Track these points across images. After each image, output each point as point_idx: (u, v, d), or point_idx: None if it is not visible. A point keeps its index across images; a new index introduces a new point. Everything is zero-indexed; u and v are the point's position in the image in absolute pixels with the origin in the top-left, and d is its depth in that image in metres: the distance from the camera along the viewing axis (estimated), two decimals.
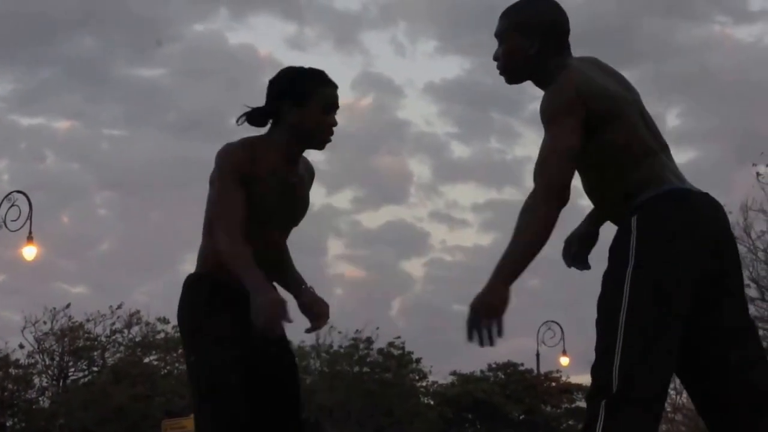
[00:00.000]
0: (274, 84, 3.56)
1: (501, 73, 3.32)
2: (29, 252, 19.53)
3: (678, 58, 53.43)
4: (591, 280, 3.09)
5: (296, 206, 3.60)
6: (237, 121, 3.59)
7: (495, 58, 3.32)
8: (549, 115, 3.04)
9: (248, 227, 3.40)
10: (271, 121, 3.57)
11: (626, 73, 3.30)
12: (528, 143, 58.91)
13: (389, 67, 65.49)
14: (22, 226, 19.39)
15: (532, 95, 60.24)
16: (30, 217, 19.43)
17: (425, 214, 62.49)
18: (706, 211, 3.01)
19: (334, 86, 3.58)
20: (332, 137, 3.57)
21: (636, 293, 2.89)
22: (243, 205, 3.39)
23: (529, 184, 3.29)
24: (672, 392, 26.45)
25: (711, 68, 51.41)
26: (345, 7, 64.64)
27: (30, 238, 19.41)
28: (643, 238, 2.93)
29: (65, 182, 48.29)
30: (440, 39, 61.15)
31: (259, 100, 3.61)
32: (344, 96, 3.68)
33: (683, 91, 54.54)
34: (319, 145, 3.57)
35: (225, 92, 54.97)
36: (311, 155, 3.69)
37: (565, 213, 3.09)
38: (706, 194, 3.08)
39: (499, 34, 3.31)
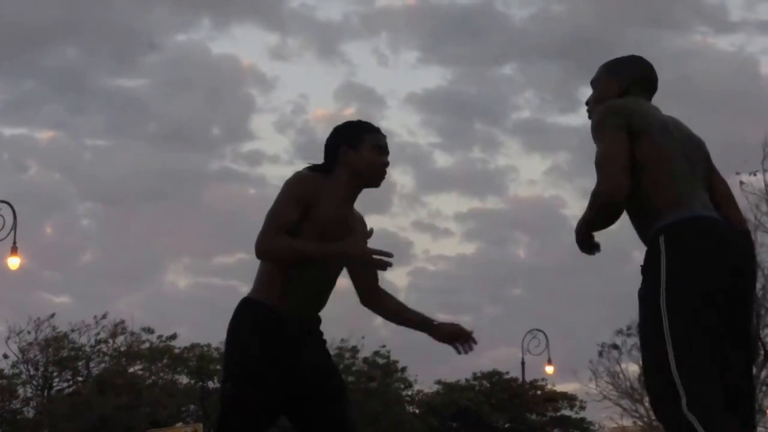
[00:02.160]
0: (330, 138, 3.92)
1: (589, 117, 3.62)
2: (13, 262, 19.48)
3: (659, 67, 53.40)
4: (575, 289, 3.21)
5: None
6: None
7: (586, 103, 3.69)
8: (596, 129, 3.38)
9: (306, 265, 3.69)
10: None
11: None
12: (510, 153, 59.18)
13: (371, 77, 65.76)
14: (6, 237, 19.35)
15: (514, 105, 60.41)
16: (14, 227, 19.39)
17: (408, 223, 62.47)
18: (730, 239, 3.25)
19: (382, 133, 3.96)
20: (384, 177, 3.93)
21: (673, 310, 3.10)
22: (295, 221, 3.67)
23: (513, 193, 3.50)
24: None
25: (692, 78, 51.67)
26: (327, 18, 64.88)
27: (14, 249, 19.36)
28: (673, 255, 3.17)
29: (48, 193, 48.20)
30: (422, 49, 61.33)
31: (242, 111, 3.74)
32: (327, 106, 3.96)
33: (664, 100, 54.46)
34: (375, 183, 3.90)
35: (207, 102, 55.08)
36: None
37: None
38: (735, 228, 3.37)
39: (593, 81, 3.71)
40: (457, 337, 4.02)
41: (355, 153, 3.83)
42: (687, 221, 3.22)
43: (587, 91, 3.64)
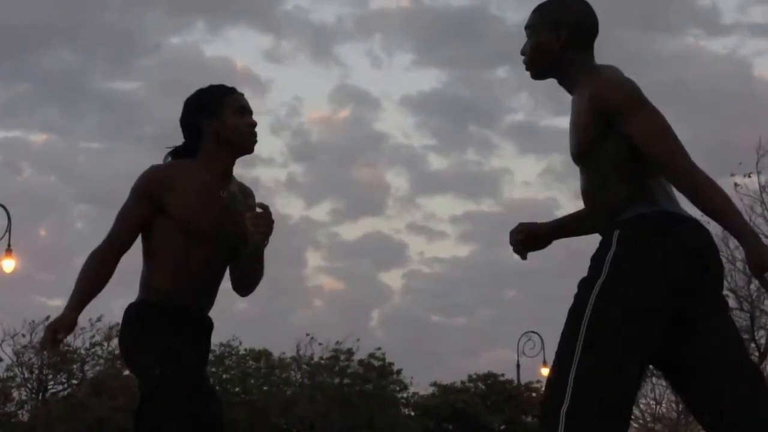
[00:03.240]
0: (185, 114, 3.68)
1: (527, 68, 3.38)
2: (8, 265, 19.46)
3: (652, 70, 53.55)
4: (570, 291, 3.11)
5: (237, 225, 3.60)
6: (164, 161, 3.71)
7: (522, 53, 3.38)
8: (636, 97, 3.10)
9: (186, 247, 3.53)
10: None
11: None
12: (505, 155, 59.10)
13: (366, 79, 65.64)
14: (0, 239, 19.34)
15: (508, 107, 60.48)
16: (9, 229, 19.36)
17: (403, 225, 62.56)
18: (692, 239, 3.00)
19: (240, 92, 3.68)
20: (257, 138, 3.64)
21: (599, 305, 2.90)
22: (135, 225, 3.61)
23: (507, 195, 3.34)
24: (652, 402, 26.57)
25: (685, 80, 51.74)
26: (321, 20, 64.80)
27: (9, 251, 19.33)
28: (620, 254, 2.95)
29: (42, 195, 48.13)
30: (416, 52, 61.23)
31: None
32: (322, 108, 3.83)
33: (658, 103, 54.52)
34: (247, 147, 3.65)
35: None
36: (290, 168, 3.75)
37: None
38: (697, 221, 3.08)
39: (528, 27, 3.37)
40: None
41: (218, 121, 3.59)
42: (648, 216, 3.00)
43: None
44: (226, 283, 3.78)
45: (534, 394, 39.72)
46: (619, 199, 3.05)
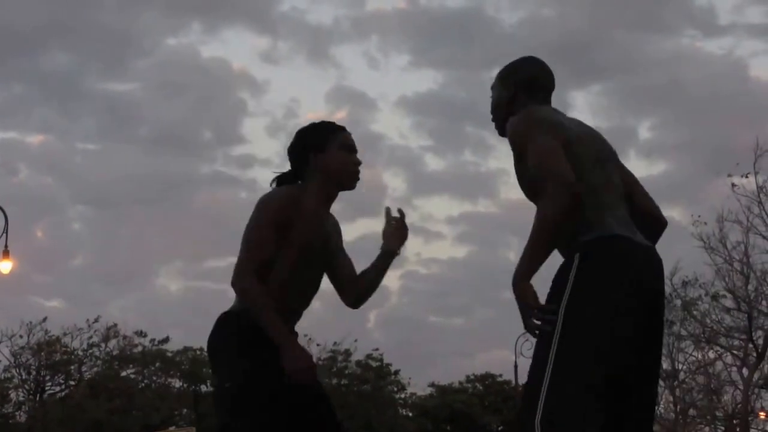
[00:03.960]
0: (295, 144, 3.85)
1: (495, 127, 3.60)
2: (5, 266, 19.41)
3: (649, 71, 53.73)
4: None
5: (332, 250, 3.85)
6: (270, 185, 3.85)
7: (491, 112, 3.63)
8: (523, 134, 3.22)
9: (295, 269, 3.66)
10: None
11: (598, 86, 3.49)
12: (502, 156, 59.34)
13: (362, 80, 65.82)
14: None
15: None
16: (6, 230, 19.34)
17: None
18: (644, 265, 3.13)
19: (348, 131, 3.87)
20: (359, 177, 3.83)
21: (566, 324, 3.01)
22: (273, 250, 3.61)
23: (504, 196, 3.38)
24: None
25: (682, 81, 51.86)
26: (318, 21, 64.92)
27: (6, 252, 19.30)
28: (582, 277, 3.06)
29: (38, 196, 48.13)
30: (413, 53, 61.42)
31: (233, 114, 3.72)
32: (318, 109, 3.90)
33: (654, 104, 54.82)
34: (349, 184, 3.82)
35: (198, 106, 55.09)
36: None
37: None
38: (650, 247, 3.23)
39: (492, 88, 3.62)
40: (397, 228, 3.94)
41: (325, 156, 3.74)
42: (604, 240, 3.11)
43: (577, 95, 3.63)
44: (218, 284, 3.79)
45: None
46: (575, 225, 3.13)
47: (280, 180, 3.84)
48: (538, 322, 3.10)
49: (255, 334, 3.59)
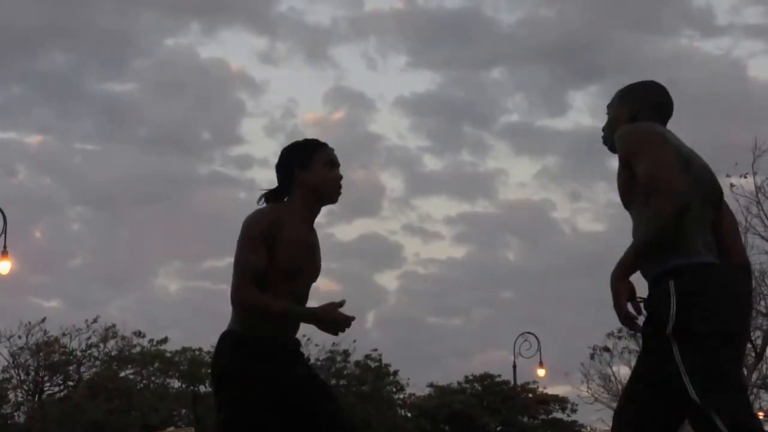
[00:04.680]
0: (280, 162, 3.99)
1: (604, 143, 3.64)
2: (4, 266, 19.39)
3: (647, 71, 53.67)
4: (566, 292, 3.16)
5: (317, 263, 3.97)
6: (258, 203, 3.98)
7: (603, 129, 3.66)
8: (638, 141, 3.30)
9: (282, 284, 3.76)
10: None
11: (596, 87, 3.57)
12: (500, 156, 59.33)
13: (360, 81, 65.91)
14: None
15: (503, 109, 60.52)
16: (4, 231, 19.32)
17: (398, 227, 62.65)
18: (737, 287, 3.27)
19: (330, 147, 4.01)
20: (342, 190, 3.98)
21: (685, 350, 3.12)
22: (264, 264, 3.72)
23: (503, 196, 3.41)
24: None
25: (680, 81, 51.72)
26: (316, 22, 65.01)
27: (5, 253, 19.29)
28: (684, 302, 3.16)
29: (37, 196, 48.15)
30: (411, 53, 61.54)
31: (232, 115, 3.77)
32: (316, 110, 3.96)
33: None
34: (332, 198, 3.98)
35: (196, 106, 55.12)
36: None
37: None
38: (739, 270, 3.39)
39: (609, 106, 3.66)
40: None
41: (309, 172, 3.90)
42: (697, 267, 3.22)
43: (576, 95, 3.67)
44: (217, 284, 3.83)
45: (530, 395, 39.77)
46: (666, 245, 3.20)
47: (267, 197, 3.98)
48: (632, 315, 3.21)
49: (251, 347, 3.76)
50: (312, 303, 3.94)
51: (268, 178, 3.98)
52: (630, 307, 3.19)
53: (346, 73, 62.35)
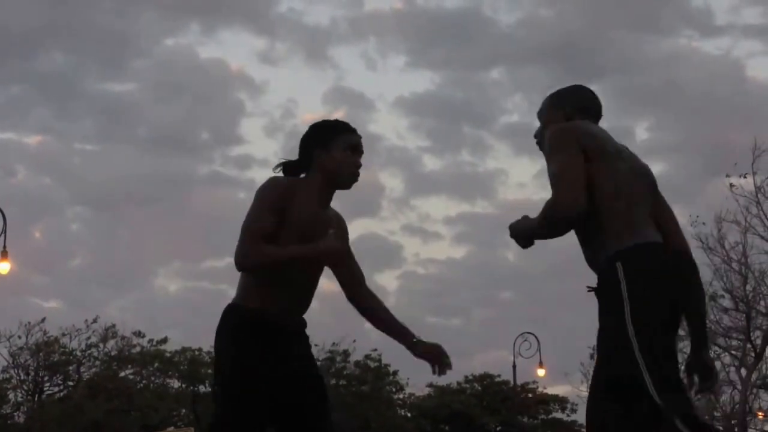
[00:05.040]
0: (305, 137, 3.93)
1: (541, 149, 3.70)
2: (3, 267, 19.38)
3: (646, 71, 53.82)
4: (565, 292, 3.24)
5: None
6: (274, 170, 3.92)
7: (535, 135, 3.75)
8: (553, 145, 3.42)
9: (287, 266, 3.69)
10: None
11: (594, 87, 3.60)
12: (499, 156, 59.33)
13: (360, 81, 65.91)
14: None
15: (503, 109, 60.55)
16: (4, 231, 19.32)
17: (398, 227, 62.63)
18: (679, 265, 3.38)
19: (358, 134, 3.92)
20: (357, 179, 3.89)
21: (638, 330, 3.19)
22: (271, 228, 3.67)
23: (502, 196, 3.47)
24: None
25: (679, 81, 51.93)
26: (315, 22, 64.99)
27: (4, 253, 19.28)
28: (633, 284, 3.25)
29: (37, 197, 48.15)
30: (410, 54, 61.53)
31: (231, 115, 3.76)
32: (316, 110, 3.98)
33: (652, 104, 54.91)
34: (346, 184, 3.88)
35: (197, 107, 55.11)
36: None
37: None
38: (683, 252, 3.49)
39: (539, 113, 3.75)
40: (435, 359, 3.98)
41: (327, 154, 3.83)
42: (643, 247, 3.32)
43: None
44: (216, 284, 3.81)
45: (530, 395, 39.77)
46: (613, 231, 3.36)
47: (285, 167, 3.92)
48: None
49: (252, 332, 3.68)
50: (315, 303, 3.92)
51: (271, 174, 3.92)
52: None
53: (345, 73, 62.46)
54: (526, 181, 62.38)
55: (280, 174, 3.89)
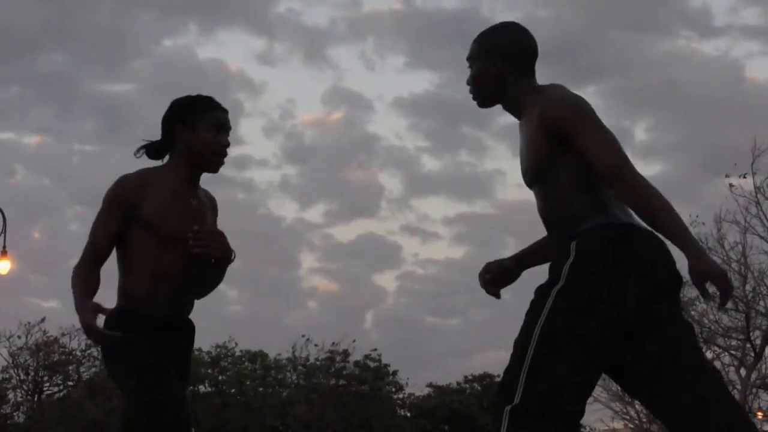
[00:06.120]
0: (166, 116, 3.69)
1: (473, 98, 3.42)
2: (3, 266, 19.39)
3: (645, 72, 53.84)
4: None
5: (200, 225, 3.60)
6: (135, 154, 3.71)
7: (467, 83, 3.41)
8: (584, 113, 3.11)
9: (152, 253, 3.53)
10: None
11: (594, 88, 3.52)
12: (498, 156, 59.34)
13: (359, 81, 66.04)
14: None
15: (501, 109, 60.53)
16: (4, 231, 19.33)
17: (397, 227, 62.71)
18: (645, 250, 3.06)
19: (223, 109, 3.69)
20: (225, 159, 3.66)
21: (554, 308, 2.97)
22: (110, 234, 3.56)
23: (500, 197, 3.35)
24: None
25: (678, 82, 51.91)
26: (314, 23, 65.13)
27: (4, 253, 19.29)
28: (577, 263, 3.01)
29: (36, 197, 48.17)
30: (409, 54, 61.57)
31: (230, 115, 3.70)
32: (314, 110, 3.86)
33: (650, 104, 54.94)
34: (212, 166, 3.65)
35: None
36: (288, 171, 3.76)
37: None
38: (650, 232, 3.11)
39: (468, 59, 3.40)
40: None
41: (192, 134, 3.59)
42: (605, 227, 3.05)
43: None
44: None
45: None
46: (576, 212, 3.11)
47: (147, 149, 3.71)
48: None
49: (130, 326, 3.51)
50: (312, 304, 3.87)
51: (267, 179, 3.93)
52: None
53: (344, 73, 62.52)
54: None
55: (142, 156, 3.70)
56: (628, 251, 3.02)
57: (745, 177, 21.14)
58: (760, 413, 25.41)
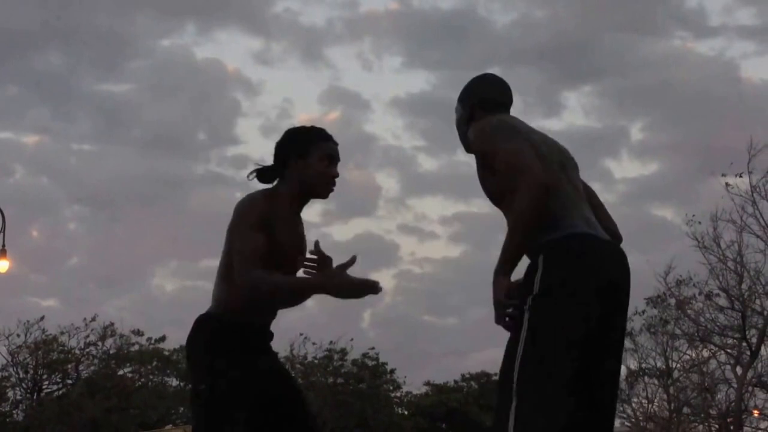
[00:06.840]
0: (280, 143, 3.83)
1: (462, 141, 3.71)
2: (2, 265, 19.45)
3: (640, 72, 53.78)
4: None
5: (304, 254, 3.78)
6: (248, 177, 3.86)
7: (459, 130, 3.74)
8: (489, 137, 3.35)
9: (264, 267, 3.60)
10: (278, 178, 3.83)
11: (590, 88, 3.63)
12: None
13: (356, 81, 65.81)
14: None
15: None
16: (3, 230, 19.39)
17: (394, 226, 62.55)
18: (606, 258, 3.22)
19: (335, 141, 3.85)
20: (334, 188, 3.83)
21: (534, 321, 3.16)
22: (264, 248, 3.60)
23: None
24: (644, 401, 26.69)
25: (673, 82, 51.83)
26: (311, 23, 64.90)
27: (3, 251, 19.35)
28: (547, 275, 3.17)
29: (34, 196, 48.14)
30: (406, 54, 61.44)
31: (228, 115, 3.81)
32: (311, 110, 3.99)
33: (646, 104, 54.88)
34: (323, 195, 3.82)
35: (193, 107, 55.14)
36: None
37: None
38: (612, 243, 3.32)
39: (455, 111, 3.75)
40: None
41: (304, 163, 3.74)
42: (568, 239, 3.20)
43: (570, 96, 3.71)
44: (211, 284, 3.86)
45: None
46: (542, 222, 3.21)
47: (259, 175, 3.84)
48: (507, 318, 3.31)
49: (230, 337, 3.69)
50: (310, 303, 3.95)
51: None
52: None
53: (341, 73, 62.31)
54: None
55: (253, 179, 3.84)
56: (587, 263, 3.17)
57: (741, 176, 21.25)
58: (756, 411, 25.49)
